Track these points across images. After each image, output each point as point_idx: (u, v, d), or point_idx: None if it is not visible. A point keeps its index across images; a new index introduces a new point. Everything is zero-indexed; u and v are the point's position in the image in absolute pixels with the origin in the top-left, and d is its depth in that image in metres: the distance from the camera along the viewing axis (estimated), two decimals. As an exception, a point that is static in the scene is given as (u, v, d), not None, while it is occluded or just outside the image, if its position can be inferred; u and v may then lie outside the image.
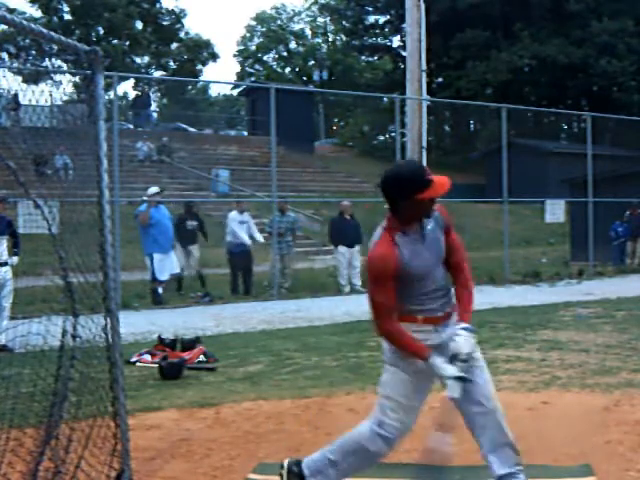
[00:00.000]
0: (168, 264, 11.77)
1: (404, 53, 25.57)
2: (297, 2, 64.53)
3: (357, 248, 13.43)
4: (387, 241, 3.01)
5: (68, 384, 3.35)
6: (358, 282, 13.33)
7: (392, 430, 3.18)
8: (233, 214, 13.00)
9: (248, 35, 53.64)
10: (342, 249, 13.35)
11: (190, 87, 57.99)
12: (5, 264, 8.02)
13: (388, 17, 47.69)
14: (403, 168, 3.14)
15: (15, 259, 8.23)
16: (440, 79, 42.47)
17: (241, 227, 12.87)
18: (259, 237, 13.23)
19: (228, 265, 13.09)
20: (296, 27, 53.59)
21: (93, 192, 3.55)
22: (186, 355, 7.02)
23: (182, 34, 45.37)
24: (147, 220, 11.59)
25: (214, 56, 46.82)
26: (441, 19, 36.53)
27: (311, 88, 44.31)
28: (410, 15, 15.46)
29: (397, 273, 2.98)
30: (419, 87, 15.41)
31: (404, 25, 20.47)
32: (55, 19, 40.29)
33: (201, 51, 46.03)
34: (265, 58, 53.48)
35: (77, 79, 4.17)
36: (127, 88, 78.62)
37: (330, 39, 52.64)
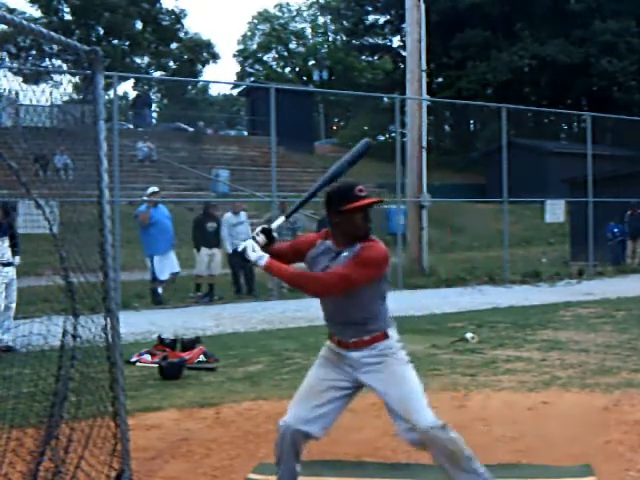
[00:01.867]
0: (168, 264, 11.75)
1: (404, 53, 25.60)
2: (300, 0, 64.54)
3: None
4: (315, 237, 3.30)
5: (68, 384, 3.35)
6: None
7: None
8: (227, 216, 12.86)
9: (249, 34, 53.66)
10: None
11: (190, 87, 58.01)
12: (10, 264, 8.06)
13: (388, 17, 47.74)
14: (338, 184, 3.27)
15: (17, 259, 8.27)
16: (440, 79, 42.48)
17: (236, 229, 12.73)
18: None
19: (229, 266, 13.03)
20: (297, 26, 53.63)
21: (93, 192, 3.55)
22: (186, 355, 7.02)
23: (182, 34, 45.42)
24: (147, 220, 11.58)
25: (214, 56, 46.90)
26: (441, 19, 36.57)
27: (311, 88, 44.33)
28: (410, 15, 15.46)
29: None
30: (419, 87, 15.42)
31: (404, 25, 20.48)
32: (55, 19, 40.34)
33: (201, 51, 46.07)
34: (265, 58, 53.51)
35: (77, 79, 4.18)
36: (127, 88, 78.56)
37: (330, 39, 52.67)
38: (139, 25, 43.30)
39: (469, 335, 7.87)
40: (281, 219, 3.38)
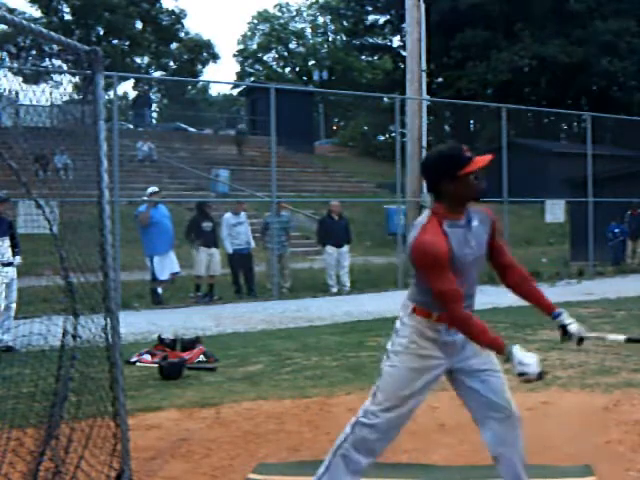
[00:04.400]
0: (168, 264, 11.75)
1: (404, 53, 25.57)
2: (300, 0, 64.61)
3: (346, 248, 13.43)
4: (435, 227, 2.91)
5: (68, 384, 3.35)
6: (347, 282, 13.33)
7: (378, 417, 3.11)
8: (227, 216, 12.86)
9: (249, 34, 53.67)
10: (330, 249, 13.31)
11: (190, 87, 58.01)
12: (10, 264, 8.07)
13: (388, 17, 47.67)
14: (442, 148, 3.10)
15: (18, 259, 8.28)
16: (440, 79, 42.45)
17: (236, 229, 12.71)
18: (252, 243, 13.06)
19: (229, 266, 13.02)
20: (297, 26, 53.63)
21: (93, 192, 3.55)
22: (186, 355, 7.02)
23: (182, 34, 45.43)
24: (147, 220, 11.58)
25: (214, 56, 46.90)
26: (441, 19, 36.50)
27: (311, 88, 44.33)
28: (410, 15, 15.44)
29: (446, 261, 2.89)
30: (419, 87, 15.40)
31: (404, 25, 20.46)
32: (55, 19, 40.31)
33: (201, 51, 46.09)
34: (265, 58, 53.53)
35: (77, 79, 4.18)
36: (127, 88, 78.51)
37: (330, 39, 52.67)
38: (139, 25, 43.28)
39: (469, 335, 7.86)
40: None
